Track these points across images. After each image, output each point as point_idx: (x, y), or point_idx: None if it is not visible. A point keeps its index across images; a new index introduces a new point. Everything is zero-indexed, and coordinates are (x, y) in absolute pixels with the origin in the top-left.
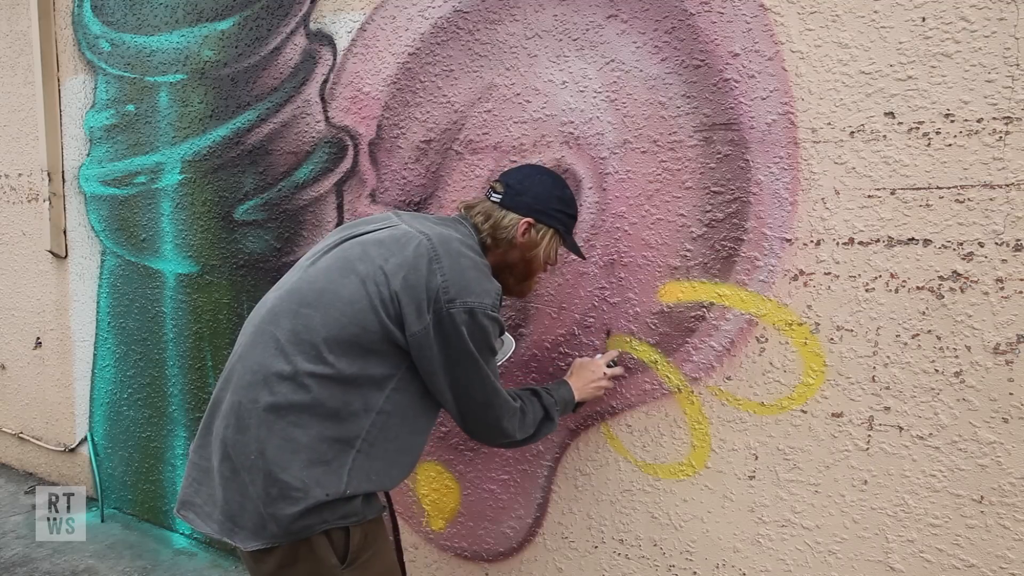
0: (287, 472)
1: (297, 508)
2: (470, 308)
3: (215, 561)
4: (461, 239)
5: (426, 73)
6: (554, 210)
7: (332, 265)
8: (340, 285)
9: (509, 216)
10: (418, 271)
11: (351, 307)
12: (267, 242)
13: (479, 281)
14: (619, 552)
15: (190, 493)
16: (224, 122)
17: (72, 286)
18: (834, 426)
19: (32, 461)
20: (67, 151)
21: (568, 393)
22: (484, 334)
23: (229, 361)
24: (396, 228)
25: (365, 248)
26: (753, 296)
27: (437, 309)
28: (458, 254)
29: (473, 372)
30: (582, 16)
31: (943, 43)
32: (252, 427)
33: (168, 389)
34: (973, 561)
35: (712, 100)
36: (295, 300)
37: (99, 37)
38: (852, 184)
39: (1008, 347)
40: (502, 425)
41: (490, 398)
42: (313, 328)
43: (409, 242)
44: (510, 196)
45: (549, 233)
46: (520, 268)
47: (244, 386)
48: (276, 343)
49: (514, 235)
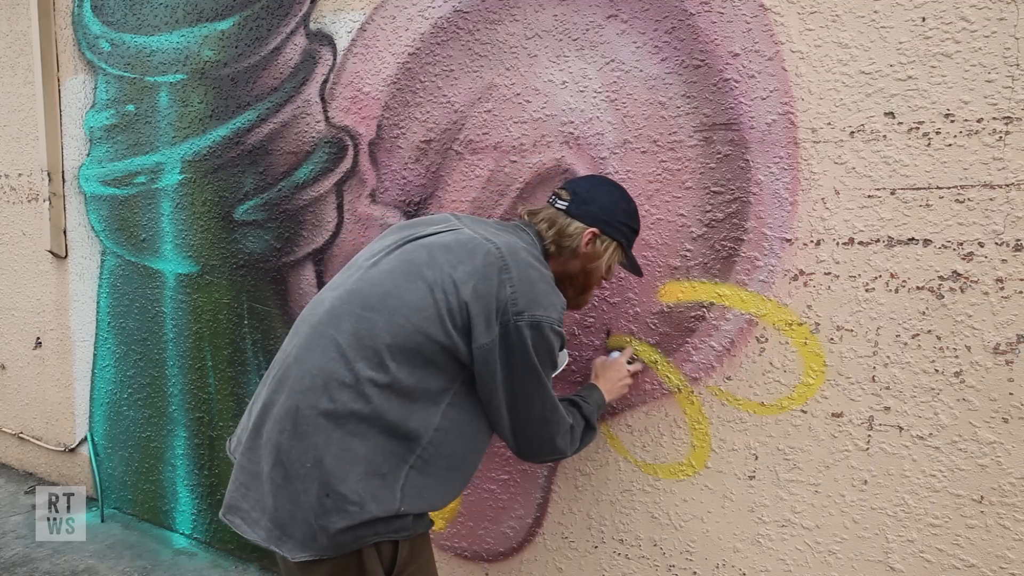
0: (344, 484)
1: (350, 522)
2: (538, 321)
3: (215, 561)
4: (527, 248)
5: (426, 73)
6: (620, 222)
7: (397, 268)
8: (406, 290)
9: (574, 224)
10: (488, 280)
11: (418, 314)
12: (267, 242)
13: (547, 294)
14: (619, 552)
15: (237, 498)
16: (224, 122)
17: (72, 286)
18: (834, 426)
19: (32, 461)
20: (67, 151)
21: (600, 397)
22: (549, 348)
23: (280, 361)
24: (460, 232)
25: (431, 252)
26: (753, 296)
27: (504, 321)
28: (527, 265)
29: (534, 387)
30: (582, 16)
31: (943, 43)
32: (310, 434)
33: (168, 389)
34: (973, 561)
35: (712, 100)
36: (357, 302)
37: (99, 37)
38: (852, 184)
39: (1008, 347)
40: (556, 442)
41: (548, 414)
42: (376, 333)
43: (477, 249)
44: (576, 204)
45: (612, 246)
46: (580, 280)
47: (302, 390)
48: (337, 347)
49: (578, 244)
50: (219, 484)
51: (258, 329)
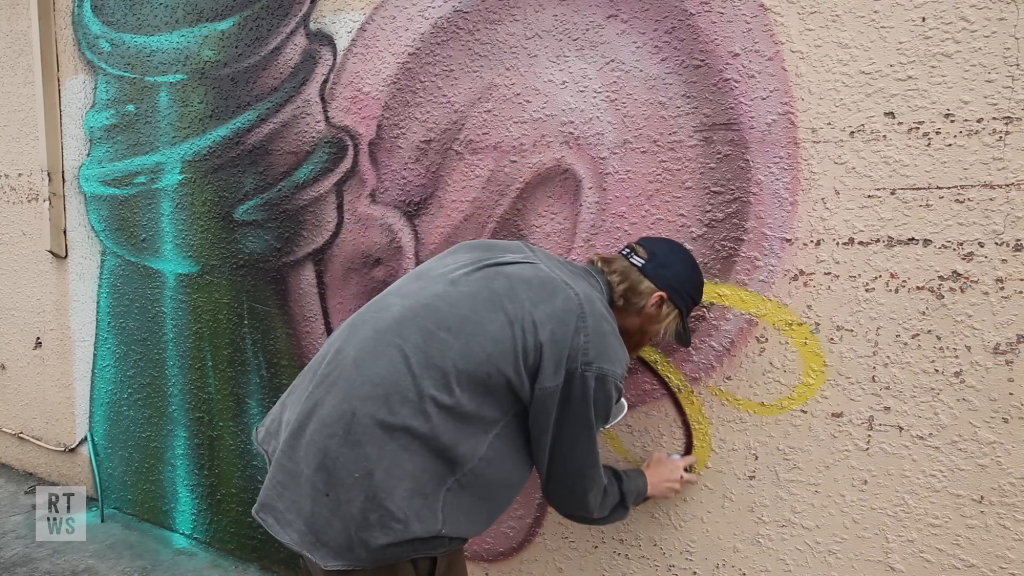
0: (391, 499)
1: (393, 539)
2: (604, 375)
3: (215, 561)
4: (601, 299)
5: (426, 73)
6: (687, 293)
7: (478, 294)
8: (486, 319)
9: (646, 283)
10: (566, 326)
11: (495, 345)
12: (267, 242)
13: (616, 349)
14: (619, 552)
15: (272, 496)
16: (224, 122)
17: (72, 286)
18: (834, 426)
19: (32, 461)
20: (67, 151)
21: (643, 485)
22: (607, 403)
23: (331, 359)
24: (539, 268)
25: (513, 285)
26: (753, 296)
27: (571, 368)
28: (601, 317)
29: (581, 438)
30: (582, 16)
31: (943, 43)
32: (363, 443)
33: (168, 389)
34: (973, 561)
35: (712, 100)
36: (432, 319)
37: (99, 37)
38: (852, 184)
39: (1008, 347)
40: (587, 499)
41: (587, 469)
42: (448, 355)
43: (558, 293)
44: (653, 266)
45: (674, 313)
46: (636, 337)
47: (362, 397)
48: (405, 360)
49: (645, 304)
50: (219, 484)
51: (258, 329)
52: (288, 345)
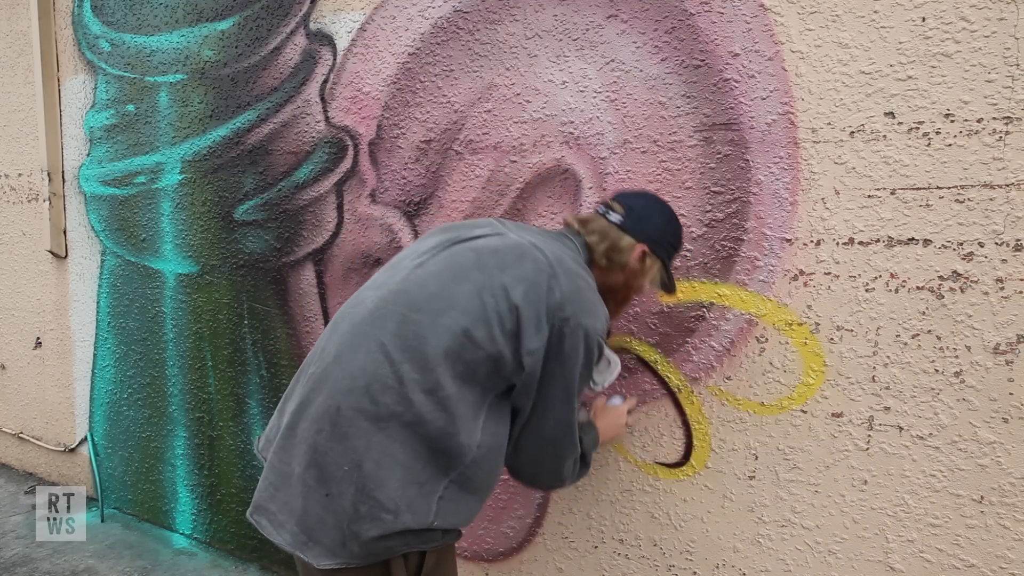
0: (382, 490)
1: (383, 531)
2: (584, 330)
3: (215, 561)
4: (573, 257)
5: (426, 73)
6: (667, 242)
7: (444, 270)
8: (454, 292)
9: (626, 239)
10: (538, 287)
11: (465, 317)
12: (267, 242)
13: (594, 303)
14: (619, 552)
15: (265, 498)
16: (224, 122)
17: (72, 286)
18: (834, 426)
19: (32, 461)
20: (67, 151)
21: (596, 437)
22: (589, 359)
23: (318, 359)
24: (506, 237)
25: (480, 256)
26: (753, 296)
27: (551, 326)
28: (574, 273)
29: (560, 400)
30: (582, 16)
31: (943, 43)
32: (350, 436)
33: (168, 389)
34: (973, 561)
35: (712, 100)
36: (402, 303)
37: (99, 37)
38: (852, 184)
39: (1008, 347)
40: (562, 468)
41: (562, 434)
42: (422, 335)
43: (526, 255)
44: (632, 220)
45: (658, 264)
46: (621, 293)
47: (344, 391)
48: (381, 348)
49: (628, 259)
50: (219, 484)
51: (258, 329)
52: (288, 345)
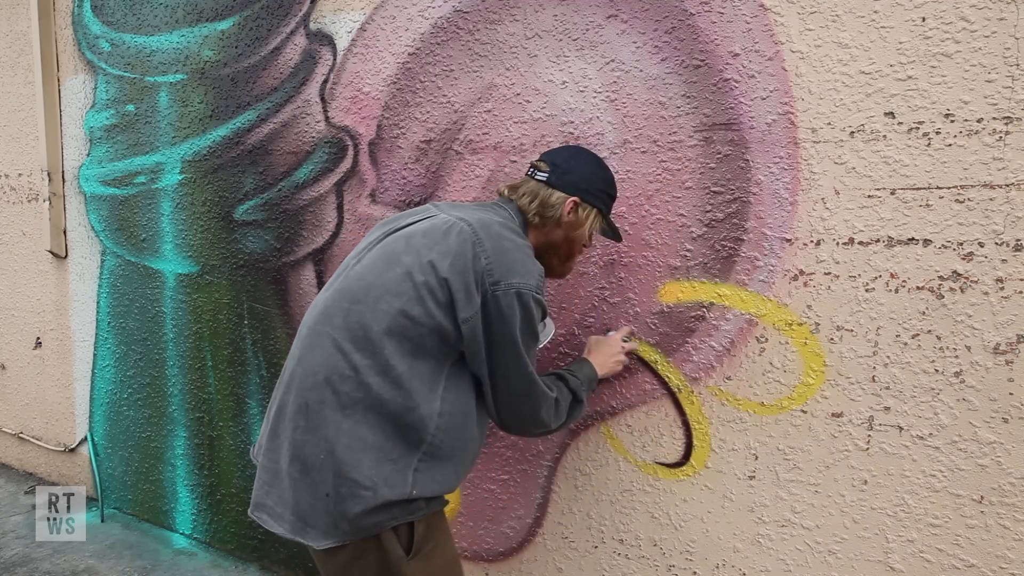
0: (356, 470)
1: (366, 506)
2: (516, 290)
3: (215, 561)
4: (502, 222)
5: (426, 73)
6: (598, 190)
7: (377, 260)
8: (385, 279)
9: (556, 194)
10: (463, 256)
11: (398, 298)
12: (267, 242)
13: (523, 262)
14: (619, 552)
15: (262, 495)
16: (224, 122)
17: (72, 286)
18: (834, 426)
19: (32, 461)
20: (67, 151)
21: (591, 371)
22: (528, 317)
23: (287, 366)
24: (436, 218)
25: (409, 240)
26: (753, 296)
27: (483, 292)
28: (499, 236)
29: (512, 359)
30: (582, 16)
31: (943, 43)
32: (320, 427)
33: (168, 389)
34: (973, 561)
35: (712, 100)
36: (345, 298)
37: (99, 37)
38: (852, 184)
39: (1008, 347)
40: (540, 416)
41: (527, 388)
42: (365, 324)
43: (451, 230)
44: (557, 175)
45: (593, 213)
46: (564, 248)
47: (308, 387)
48: (333, 342)
49: (560, 213)
50: (219, 484)
51: (258, 329)
52: (288, 345)
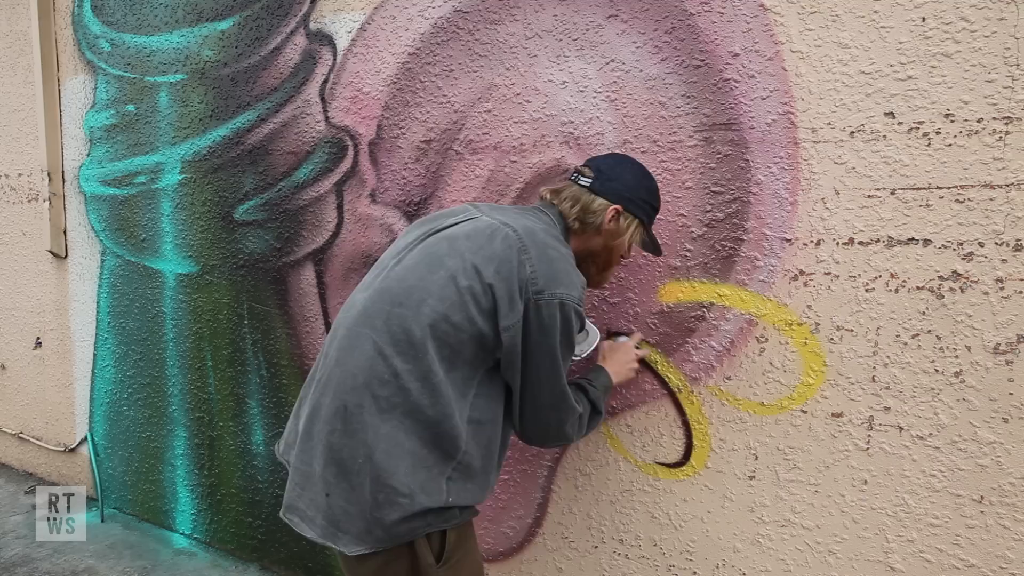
0: (394, 477)
1: (403, 514)
2: (560, 300)
3: (215, 561)
4: (545, 229)
5: (426, 73)
6: (642, 200)
7: (420, 262)
8: (430, 281)
9: (598, 201)
10: (509, 263)
11: (442, 303)
12: (267, 242)
13: (567, 272)
14: (619, 552)
15: (293, 497)
16: (224, 122)
17: (72, 286)
18: (834, 426)
19: (32, 461)
20: (67, 151)
21: (607, 379)
22: (568, 328)
23: (323, 366)
24: (479, 220)
25: (452, 243)
26: (753, 296)
27: (526, 300)
28: (545, 245)
29: (547, 370)
30: (582, 16)
31: (943, 43)
32: (359, 431)
33: (168, 389)
34: (973, 561)
35: (712, 100)
36: (386, 300)
37: (99, 37)
38: (852, 184)
39: (1008, 347)
40: (564, 429)
41: (558, 400)
42: (407, 328)
43: (496, 234)
44: (601, 181)
45: (635, 223)
46: (602, 257)
47: (348, 390)
48: (374, 345)
49: (602, 221)
50: (219, 484)
51: (258, 329)
52: (288, 345)
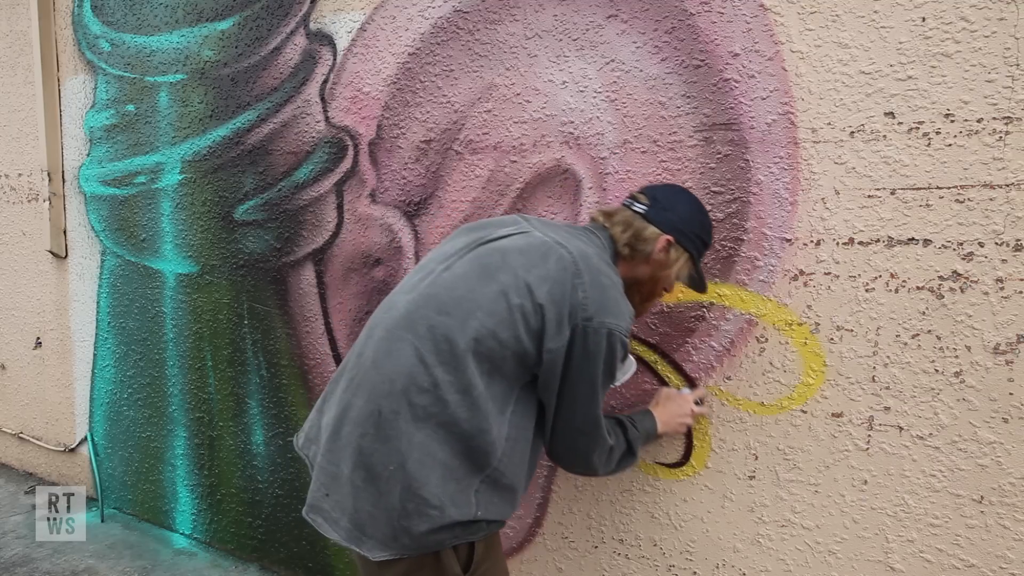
0: (425, 488)
1: (432, 525)
2: (609, 329)
3: (215, 561)
4: (598, 254)
5: (426, 73)
6: (694, 234)
7: (470, 271)
8: (480, 293)
9: (651, 229)
10: (562, 285)
11: (491, 317)
12: (267, 242)
13: (617, 302)
14: (619, 552)
15: (318, 498)
16: (224, 122)
17: (72, 286)
18: (834, 426)
19: (32, 461)
20: (67, 151)
21: (652, 425)
22: (612, 358)
23: (355, 363)
24: (531, 235)
25: (505, 256)
26: (753, 296)
27: (574, 325)
28: (598, 271)
29: (585, 397)
30: (582, 16)
31: (943, 43)
32: (393, 438)
33: (168, 389)
34: (973, 561)
35: (712, 100)
36: (432, 307)
37: (99, 37)
38: (852, 184)
39: (1008, 347)
40: (591, 458)
41: (589, 427)
42: (452, 338)
43: (550, 253)
44: (656, 210)
45: (684, 257)
46: (647, 286)
47: (384, 395)
48: (416, 352)
49: (652, 250)
50: (219, 484)
51: (258, 329)
52: (288, 345)
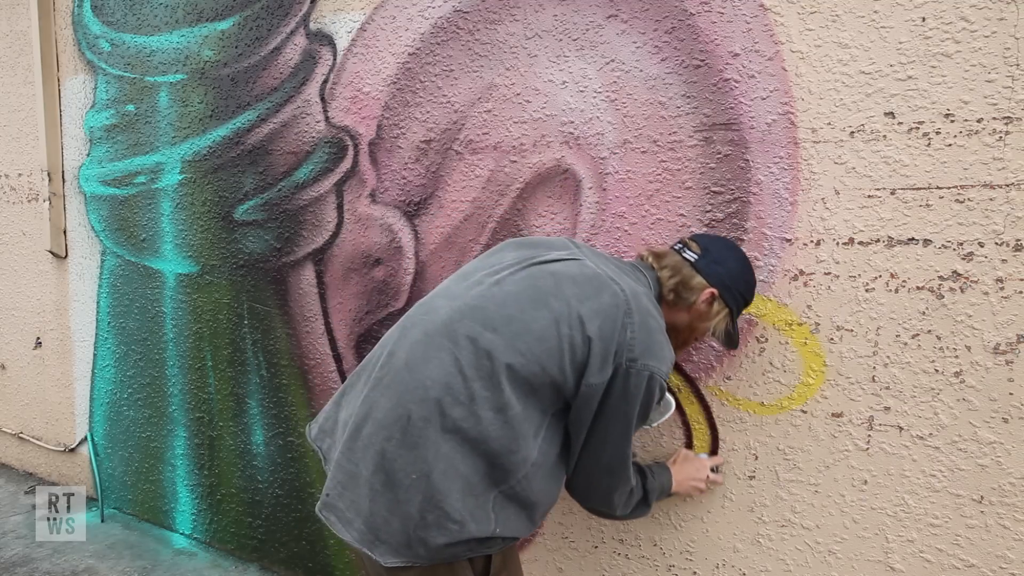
0: (447, 501)
1: (450, 539)
2: (651, 372)
3: (215, 561)
4: (647, 294)
5: (426, 73)
6: (739, 292)
7: (523, 292)
8: (532, 318)
9: (698, 279)
10: (613, 322)
11: (540, 344)
12: (267, 242)
13: (663, 346)
14: (619, 552)
15: (334, 496)
16: (224, 122)
17: (72, 286)
18: (834, 426)
19: (32, 461)
20: (67, 151)
21: (668, 483)
22: (649, 401)
23: (384, 362)
24: (584, 265)
25: (558, 283)
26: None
27: (618, 364)
28: (647, 312)
29: (616, 436)
30: (582, 16)
31: (943, 43)
32: (420, 446)
33: (168, 389)
34: (973, 561)
35: (712, 100)
36: (479, 320)
37: (99, 37)
38: (852, 184)
39: (1008, 347)
40: (612, 497)
41: (616, 466)
42: (494, 356)
43: (604, 288)
44: (706, 261)
45: (724, 312)
46: (683, 334)
47: (416, 400)
48: (455, 362)
49: (696, 300)
50: (219, 484)
51: (258, 329)
52: (288, 345)
